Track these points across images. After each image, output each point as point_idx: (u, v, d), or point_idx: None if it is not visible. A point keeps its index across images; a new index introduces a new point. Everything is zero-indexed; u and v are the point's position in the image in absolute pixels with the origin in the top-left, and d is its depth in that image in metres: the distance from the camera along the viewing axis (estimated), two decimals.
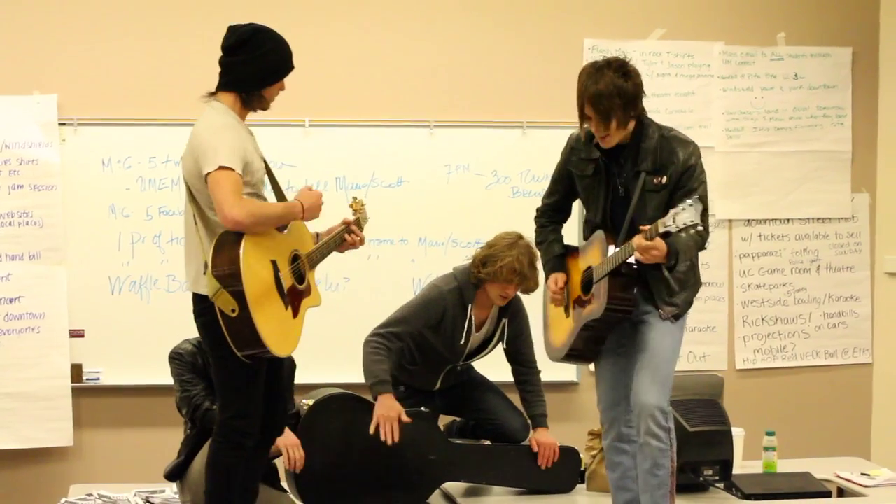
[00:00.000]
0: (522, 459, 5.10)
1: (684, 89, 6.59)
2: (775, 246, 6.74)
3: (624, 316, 4.32)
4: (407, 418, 4.87)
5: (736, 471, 5.04)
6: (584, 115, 4.26)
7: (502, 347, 5.24)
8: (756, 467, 5.32)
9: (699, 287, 4.49)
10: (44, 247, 6.02)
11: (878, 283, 6.82)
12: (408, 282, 6.21)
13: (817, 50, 6.72)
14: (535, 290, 5.00)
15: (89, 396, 6.13)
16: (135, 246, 6.12)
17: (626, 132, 4.27)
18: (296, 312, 4.26)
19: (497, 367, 5.31)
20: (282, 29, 4.35)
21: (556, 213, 4.64)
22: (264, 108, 4.33)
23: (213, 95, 4.27)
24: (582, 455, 5.16)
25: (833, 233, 6.79)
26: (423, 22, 6.39)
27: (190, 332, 4.44)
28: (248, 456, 4.28)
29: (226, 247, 4.05)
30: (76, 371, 6.05)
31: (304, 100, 6.02)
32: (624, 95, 4.18)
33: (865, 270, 6.82)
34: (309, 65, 5.95)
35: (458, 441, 5.20)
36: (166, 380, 4.88)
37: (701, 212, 4.01)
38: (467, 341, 5.10)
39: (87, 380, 6.09)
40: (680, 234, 4.06)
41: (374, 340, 4.96)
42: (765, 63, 6.67)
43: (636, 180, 4.29)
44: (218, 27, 4.33)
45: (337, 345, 5.99)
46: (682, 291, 4.38)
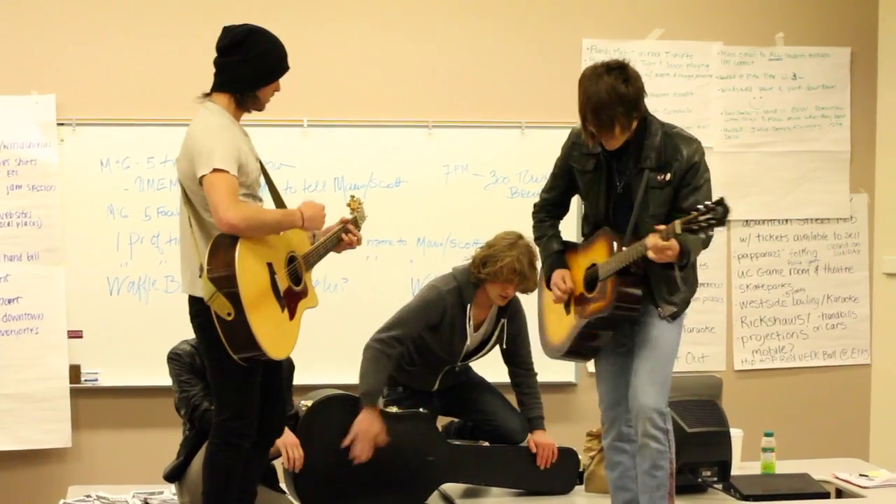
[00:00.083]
0: (521, 460, 5.10)
1: (683, 89, 6.59)
2: (774, 246, 6.74)
3: (630, 314, 4.31)
4: (385, 438, 4.85)
5: (734, 472, 5.04)
6: (586, 123, 4.24)
7: (500, 349, 5.23)
8: (754, 468, 5.32)
9: (697, 287, 4.49)
10: (42, 247, 6.01)
11: (876, 284, 6.82)
12: (406, 282, 6.21)
13: (816, 50, 6.72)
14: (533, 290, 4.99)
15: (87, 397, 6.12)
16: (133, 246, 6.12)
17: (629, 132, 4.27)
18: (292, 314, 4.25)
19: (495, 368, 5.30)
20: (280, 29, 4.35)
21: (555, 208, 4.62)
22: (259, 109, 4.31)
23: (207, 96, 4.26)
24: (580, 456, 5.16)
25: (831, 233, 6.79)
26: (421, 22, 6.39)
27: (188, 333, 4.43)
28: (246, 457, 4.28)
29: (221, 249, 4.04)
30: (74, 372, 6.05)
31: (302, 100, 6.03)
32: (625, 102, 4.16)
33: (864, 271, 6.82)
34: (307, 65, 5.96)
35: (456, 442, 5.19)
36: (165, 380, 4.87)
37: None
38: (465, 342, 5.09)
39: (86, 381, 6.08)
40: (688, 234, 4.07)
41: (376, 347, 4.93)
42: (763, 63, 6.66)
43: (639, 177, 4.28)
44: (216, 27, 4.32)
45: (335, 346, 5.99)
46: (682, 291, 4.38)
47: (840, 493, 5.24)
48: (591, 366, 4.96)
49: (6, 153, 5.99)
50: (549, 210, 4.62)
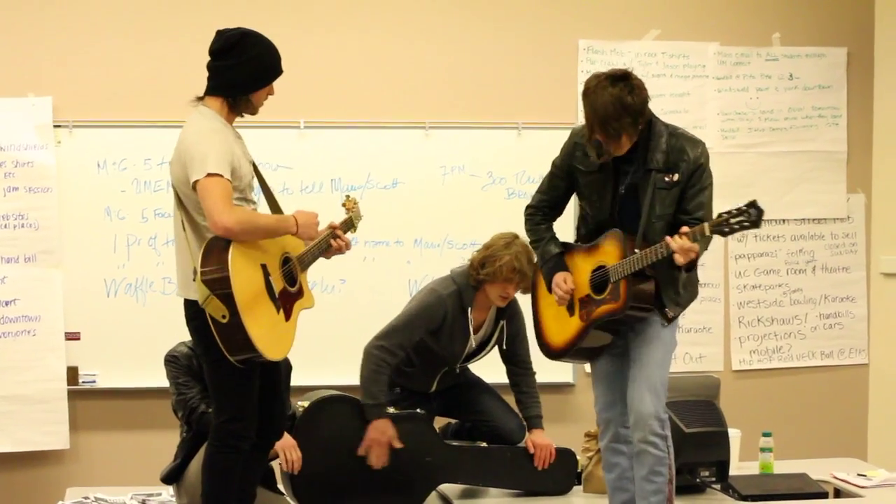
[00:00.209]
0: (519, 461, 5.10)
1: (679, 90, 6.59)
2: (771, 247, 6.74)
3: (641, 314, 4.31)
4: (399, 444, 4.87)
5: (732, 472, 5.04)
6: (593, 134, 4.23)
7: (498, 349, 5.23)
8: (753, 468, 5.33)
9: (698, 289, 4.51)
10: (39, 249, 6.01)
11: (873, 284, 6.82)
12: (404, 283, 6.21)
13: (812, 50, 6.72)
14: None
15: (85, 399, 6.12)
16: (130, 248, 6.12)
17: (636, 138, 4.27)
18: (288, 315, 4.24)
19: (493, 368, 5.30)
20: (277, 31, 4.35)
21: (552, 209, 4.60)
22: (252, 113, 4.30)
23: (200, 100, 4.25)
24: (578, 456, 5.16)
25: (829, 233, 6.79)
26: (418, 23, 6.39)
27: (186, 335, 4.43)
28: (245, 459, 4.27)
29: (214, 251, 4.03)
30: (72, 374, 6.04)
31: (299, 101, 6.03)
32: (632, 113, 4.17)
33: (861, 271, 6.82)
34: (304, 67, 5.97)
35: (454, 443, 5.19)
36: (162, 382, 4.87)
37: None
38: (465, 344, 5.09)
39: (83, 382, 6.08)
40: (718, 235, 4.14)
41: (377, 355, 4.91)
42: (760, 63, 6.67)
43: (646, 179, 4.29)
44: (213, 30, 4.32)
45: (333, 347, 5.99)
46: (686, 292, 4.40)
47: (838, 493, 5.24)
48: (588, 366, 4.95)
49: (3, 155, 5.98)
50: (545, 211, 4.60)
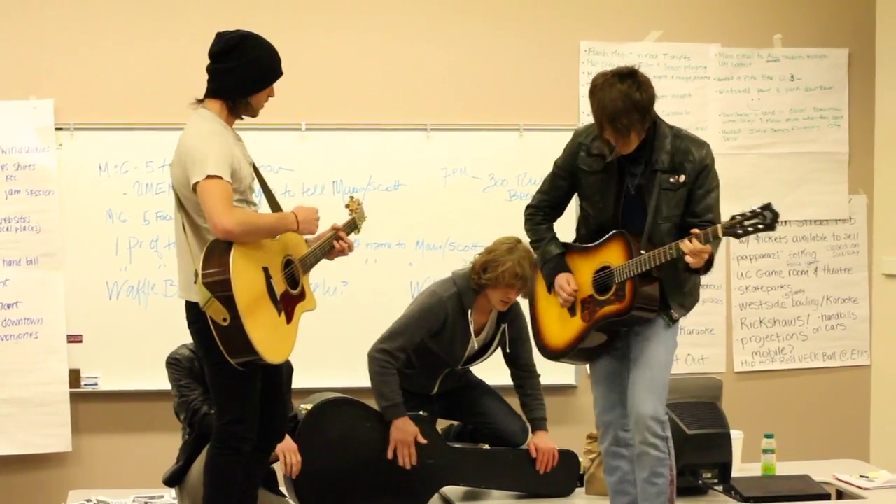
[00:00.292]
0: (521, 463, 5.10)
1: (681, 91, 6.59)
2: (773, 248, 6.73)
3: (646, 315, 4.31)
4: (423, 439, 4.90)
5: (735, 473, 5.03)
6: (603, 132, 4.23)
7: (501, 352, 5.23)
8: (755, 470, 5.32)
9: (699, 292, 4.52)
10: (41, 252, 6.01)
11: (875, 285, 6.81)
12: (405, 285, 6.20)
13: (814, 51, 6.72)
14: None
15: (87, 402, 6.12)
16: (132, 251, 6.12)
17: (643, 135, 4.28)
18: (290, 318, 4.24)
19: (496, 370, 5.30)
20: (278, 32, 4.35)
21: (553, 210, 4.59)
22: (252, 115, 4.29)
23: (200, 102, 4.25)
24: (581, 459, 5.15)
25: (830, 234, 6.78)
26: (419, 25, 6.39)
27: (188, 337, 4.42)
28: (247, 461, 4.28)
29: (216, 254, 4.03)
30: (74, 376, 6.04)
31: (300, 103, 6.03)
32: (641, 109, 4.18)
33: (863, 272, 6.82)
34: (305, 68, 5.97)
35: (456, 445, 5.19)
36: (164, 385, 4.87)
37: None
38: (466, 347, 5.09)
39: (85, 385, 6.08)
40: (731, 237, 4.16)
41: (381, 358, 4.93)
42: (761, 65, 6.66)
43: (652, 179, 4.29)
44: (213, 32, 4.32)
45: (335, 349, 5.99)
46: (691, 294, 4.40)
47: (840, 495, 5.24)
48: (589, 368, 4.94)
49: (4, 158, 5.98)
50: (545, 211, 4.59)
